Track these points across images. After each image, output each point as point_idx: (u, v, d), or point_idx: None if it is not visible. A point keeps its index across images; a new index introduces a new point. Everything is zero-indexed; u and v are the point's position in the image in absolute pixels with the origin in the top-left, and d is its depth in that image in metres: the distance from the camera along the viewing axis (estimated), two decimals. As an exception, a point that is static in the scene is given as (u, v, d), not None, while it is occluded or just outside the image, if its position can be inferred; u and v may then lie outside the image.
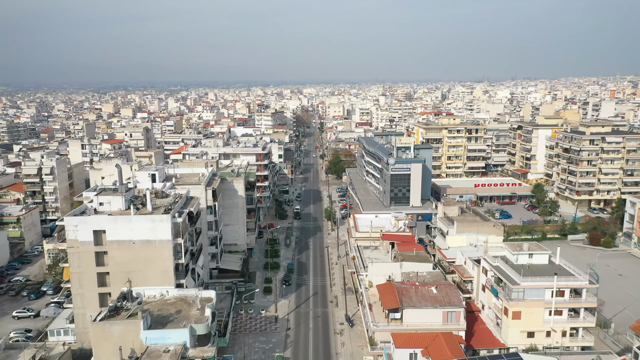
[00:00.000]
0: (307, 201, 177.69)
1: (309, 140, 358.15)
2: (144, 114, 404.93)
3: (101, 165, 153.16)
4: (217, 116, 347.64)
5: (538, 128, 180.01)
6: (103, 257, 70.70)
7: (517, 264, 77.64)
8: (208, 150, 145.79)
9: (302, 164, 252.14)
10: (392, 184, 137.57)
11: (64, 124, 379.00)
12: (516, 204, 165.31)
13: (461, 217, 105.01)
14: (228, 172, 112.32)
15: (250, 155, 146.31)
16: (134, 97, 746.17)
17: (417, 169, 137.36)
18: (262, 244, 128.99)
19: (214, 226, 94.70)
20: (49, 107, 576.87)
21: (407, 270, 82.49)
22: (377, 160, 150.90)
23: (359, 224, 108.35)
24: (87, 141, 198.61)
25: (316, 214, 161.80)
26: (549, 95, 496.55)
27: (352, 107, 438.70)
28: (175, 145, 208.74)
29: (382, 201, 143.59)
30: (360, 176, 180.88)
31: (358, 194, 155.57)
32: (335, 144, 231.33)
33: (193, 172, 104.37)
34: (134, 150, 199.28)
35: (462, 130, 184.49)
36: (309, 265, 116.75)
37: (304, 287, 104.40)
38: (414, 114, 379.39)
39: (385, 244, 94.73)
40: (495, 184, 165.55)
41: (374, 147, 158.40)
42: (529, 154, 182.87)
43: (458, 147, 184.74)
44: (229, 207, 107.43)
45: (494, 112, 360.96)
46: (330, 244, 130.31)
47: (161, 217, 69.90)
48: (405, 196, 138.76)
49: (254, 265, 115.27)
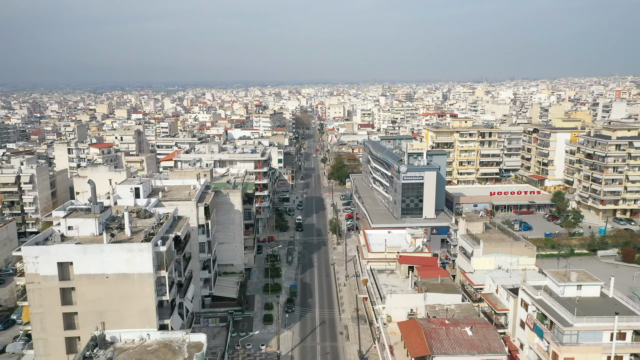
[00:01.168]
0: (309, 210, 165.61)
1: (309, 142, 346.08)
2: (139, 114, 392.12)
3: (86, 172, 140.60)
4: (213, 117, 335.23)
5: (556, 131, 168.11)
6: (70, 294, 58.57)
7: (563, 297, 65.66)
8: (202, 157, 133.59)
9: (303, 168, 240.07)
10: (404, 193, 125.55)
11: (56, 126, 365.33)
12: (535, 213, 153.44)
13: (486, 235, 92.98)
14: (223, 183, 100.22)
15: (248, 162, 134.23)
16: (130, 98, 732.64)
17: (431, 177, 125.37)
18: (262, 260, 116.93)
19: (206, 248, 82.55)
20: (42, 108, 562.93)
21: (432, 303, 70.50)
22: (386, 167, 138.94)
23: (371, 242, 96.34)
24: (74, 145, 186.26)
25: (319, 224, 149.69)
26: (554, 96, 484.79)
27: (353, 108, 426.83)
28: (169, 150, 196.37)
29: (392, 212, 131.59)
30: (366, 183, 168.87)
31: (365, 203, 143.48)
32: (338, 148, 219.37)
33: (184, 185, 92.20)
34: (124, 155, 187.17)
35: (475, 134, 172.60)
36: (314, 287, 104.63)
37: (309, 315, 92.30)
38: (416, 115, 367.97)
39: (403, 268, 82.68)
40: (512, 192, 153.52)
41: (381, 152, 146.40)
42: (546, 159, 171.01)
43: (470, 151, 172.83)
44: (224, 223, 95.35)
45: (499, 113, 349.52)
46: (336, 261, 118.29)
47: (140, 246, 57.73)
48: (417, 207, 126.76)
49: (252, 287, 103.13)
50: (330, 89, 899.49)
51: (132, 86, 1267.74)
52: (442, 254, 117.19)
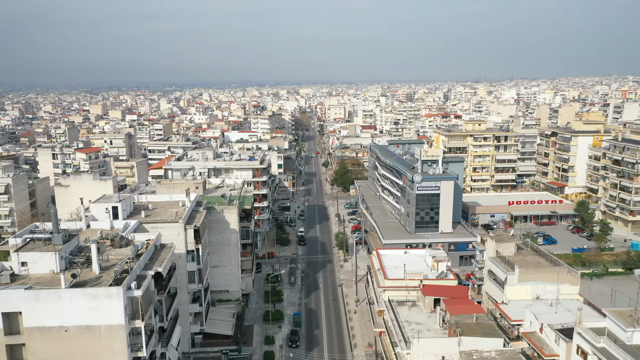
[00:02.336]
0: (311, 220, 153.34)
1: (309, 145, 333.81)
2: (133, 115, 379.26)
3: (69, 181, 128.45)
4: (210, 119, 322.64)
5: (577, 135, 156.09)
6: (20, 352, 46.29)
7: (632, 346, 53.66)
8: (195, 165, 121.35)
9: (304, 173, 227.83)
10: (418, 205, 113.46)
11: (48, 127, 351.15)
12: (557, 224, 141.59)
13: (519, 258, 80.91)
14: (217, 198, 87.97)
15: (246, 170, 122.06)
16: (126, 98, 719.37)
17: (448, 187, 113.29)
18: (261, 281, 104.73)
19: (197, 277, 70.30)
20: (35, 109, 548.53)
21: (468, 349, 58.35)
22: (397, 175, 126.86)
23: (386, 264, 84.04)
24: (59, 150, 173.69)
25: (324, 237, 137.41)
26: (559, 96, 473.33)
27: (354, 109, 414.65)
28: (161, 155, 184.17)
29: (405, 225, 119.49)
30: (373, 191, 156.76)
31: (373, 214, 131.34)
32: (341, 152, 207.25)
33: (172, 201, 79.96)
34: (113, 161, 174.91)
35: (490, 138, 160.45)
36: (321, 315, 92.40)
37: (317, 350, 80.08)
38: (419, 116, 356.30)
39: (428, 301, 70.54)
40: (532, 201, 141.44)
41: (391, 159, 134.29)
42: (566, 165, 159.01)
43: (485, 156, 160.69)
44: (218, 244, 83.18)
45: (505, 114, 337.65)
46: (344, 281, 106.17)
47: (109, 290, 45.50)
48: (433, 220, 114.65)
49: (251, 314, 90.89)
50: (329, 89, 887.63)
51: (129, 86, 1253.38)
52: (461, 273, 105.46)
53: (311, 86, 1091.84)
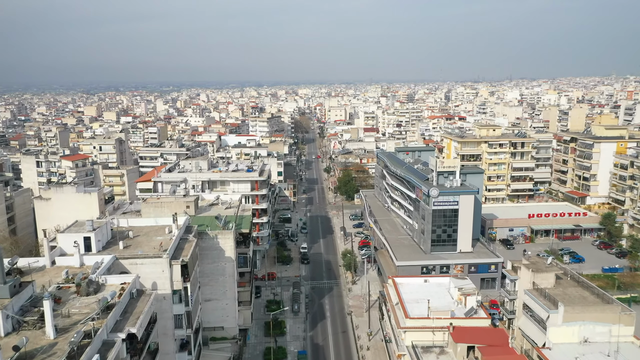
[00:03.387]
0: (314, 233, 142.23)
1: (309, 148, 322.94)
2: (128, 117, 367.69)
3: (50, 194, 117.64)
4: (207, 121, 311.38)
5: (600, 141, 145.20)
6: None
7: None
8: (188, 176, 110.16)
9: (305, 180, 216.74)
10: (434, 222, 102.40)
11: (40, 130, 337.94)
12: (581, 239, 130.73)
13: (560, 291, 69.91)
14: (210, 219, 76.85)
15: (244, 182, 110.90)
16: (122, 99, 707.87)
17: (467, 202, 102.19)
18: (261, 309, 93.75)
19: (184, 321, 59.07)
20: (29, 110, 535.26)
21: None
22: (409, 187, 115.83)
23: (405, 296, 73.00)
24: (43, 157, 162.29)
25: (328, 253, 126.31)
26: (564, 97, 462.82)
27: (355, 111, 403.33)
28: (153, 162, 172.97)
29: (419, 243, 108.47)
30: (380, 201, 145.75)
31: (383, 229, 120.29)
32: (344, 157, 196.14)
33: (157, 225, 68.82)
34: (102, 168, 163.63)
35: (506, 144, 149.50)
36: (329, 352, 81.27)
37: (326, 399, 69.14)
38: (422, 117, 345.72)
39: (460, 349, 59.53)
40: (553, 213, 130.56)
41: (401, 168, 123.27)
42: (587, 173, 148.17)
43: (500, 164, 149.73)
44: (211, 275, 72.13)
45: (511, 116, 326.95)
46: (353, 308, 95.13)
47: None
48: (451, 238, 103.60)
49: (249, 352, 79.72)
50: (328, 90, 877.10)
51: (126, 86, 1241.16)
52: (483, 299, 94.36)
53: (309, 86, 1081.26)
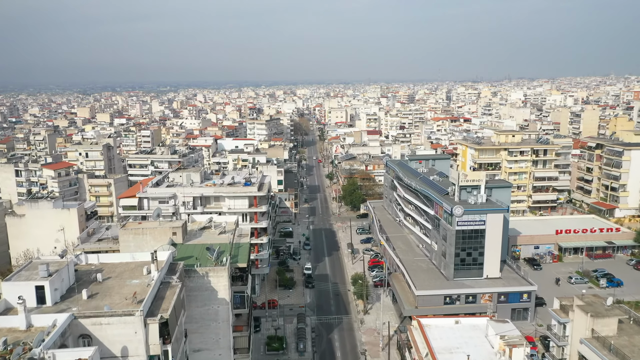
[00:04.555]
0: (319, 250, 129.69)
1: (310, 151, 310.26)
2: (122, 119, 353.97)
3: (24, 210, 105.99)
4: (203, 124, 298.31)
5: (631, 148, 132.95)
6: None
7: None
8: (177, 191, 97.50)
9: (306, 186, 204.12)
10: (458, 245, 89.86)
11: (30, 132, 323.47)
12: (614, 257, 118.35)
13: (625, 340, 57.53)
14: (200, 250, 64.20)
15: (241, 198, 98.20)
16: (118, 99, 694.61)
17: (496, 221, 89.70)
18: (260, 346, 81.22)
19: (165, 394, 46.28)
20: (22, 111, 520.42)
21: None
22: (425, 201, 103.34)
23: (435, 345, 60.58)
24: (23, 166, 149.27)
25: (335, 275, 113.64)
26: (570, 98, 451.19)
27: (356, 112, 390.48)
28: (143, 170, 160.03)
29: (439, 267, 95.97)
30: (390, 214, 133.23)
31: (397, 249, 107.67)
32: (349, 164, 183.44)
33: (134, 262, 56.21)
34: (87, 178, 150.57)
35: (528, 152, 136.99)
36: (342, 406, 68.75)
37: None
38: (426, 120, 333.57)
39: None
40: (583, 229, 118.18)
41: (415, 179, 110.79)
42: (615, 183, 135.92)
43: (521, 174, 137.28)
44: (201, 320, 59.48)
45: (519, 118, 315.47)
46: (367, 346, 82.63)
47: None
48: (477, 262, 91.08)
49: (247, 407, 67.14)
50: (327, 90, 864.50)
51: (124, 86, 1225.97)
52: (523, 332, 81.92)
53: (308, 86, 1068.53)
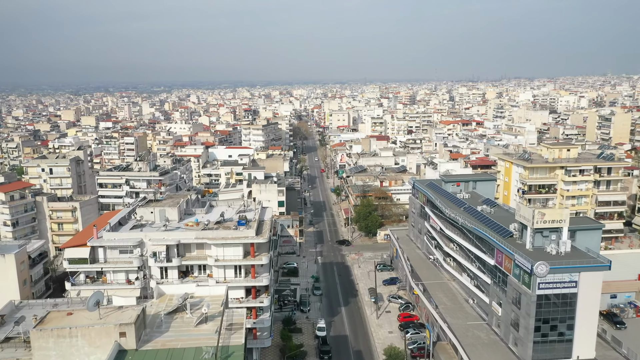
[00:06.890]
0: (332, 295, 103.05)
1: (311, 158, 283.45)
2: (108, 122, 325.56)
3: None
4: (194, 128, 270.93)
5: None
6: None
7: None
8: (146, 237, 70.62)
9: (309, 203, 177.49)
10: (539, 314, 63.68)
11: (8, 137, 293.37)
12: None
13: None
14: None
15: (233, 246, 71.35)
16: (108, 100, 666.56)
17: (592, 282, 63.60)
18: None
19: None
20: (5, 114, 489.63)
21: None
22: (477, 243, 77.09)
23: None
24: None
25: (357, 337, 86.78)
26: (585, 99, 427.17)
27: (359, 115, 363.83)
28: (116, 190, 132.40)
29: (505, 339, 69.70)
30: (420, 249, 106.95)
31: (439, 305, 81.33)
32: (360, 179, 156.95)
33: None
34: (47, 201, 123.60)
35: (589, 170, 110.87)
36: None
37: None
38: (435, 123, 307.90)
39: None
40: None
41: (457, 210, 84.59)
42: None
43: (581, 197, 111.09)
44: None
45: (537, 122, 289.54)
46: None
47: None
48: (564, 338, 64.94)
49: None
50: (324, 90, 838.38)
51: (117, 87, 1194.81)
52: None
53: (304, 86, 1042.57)
